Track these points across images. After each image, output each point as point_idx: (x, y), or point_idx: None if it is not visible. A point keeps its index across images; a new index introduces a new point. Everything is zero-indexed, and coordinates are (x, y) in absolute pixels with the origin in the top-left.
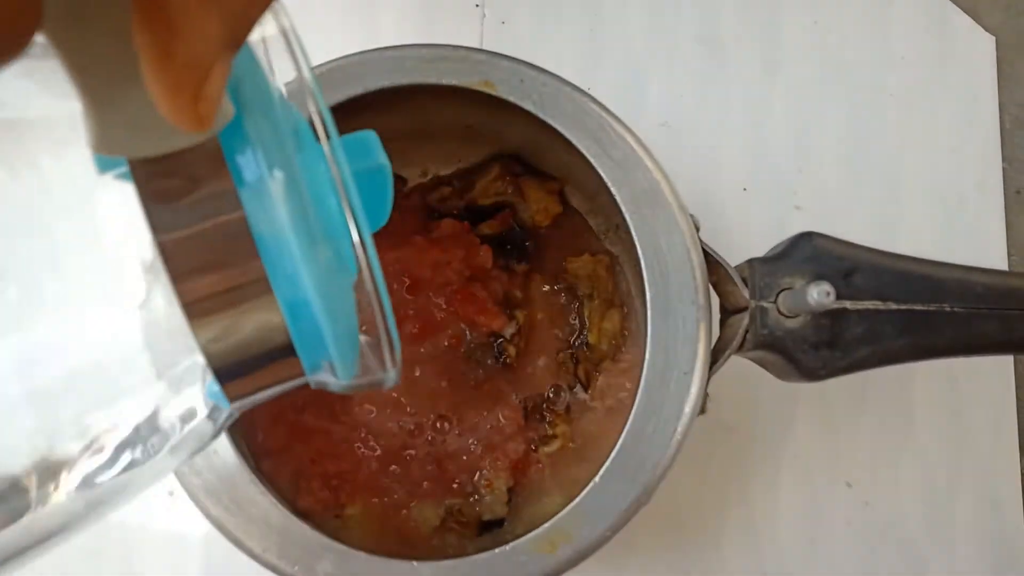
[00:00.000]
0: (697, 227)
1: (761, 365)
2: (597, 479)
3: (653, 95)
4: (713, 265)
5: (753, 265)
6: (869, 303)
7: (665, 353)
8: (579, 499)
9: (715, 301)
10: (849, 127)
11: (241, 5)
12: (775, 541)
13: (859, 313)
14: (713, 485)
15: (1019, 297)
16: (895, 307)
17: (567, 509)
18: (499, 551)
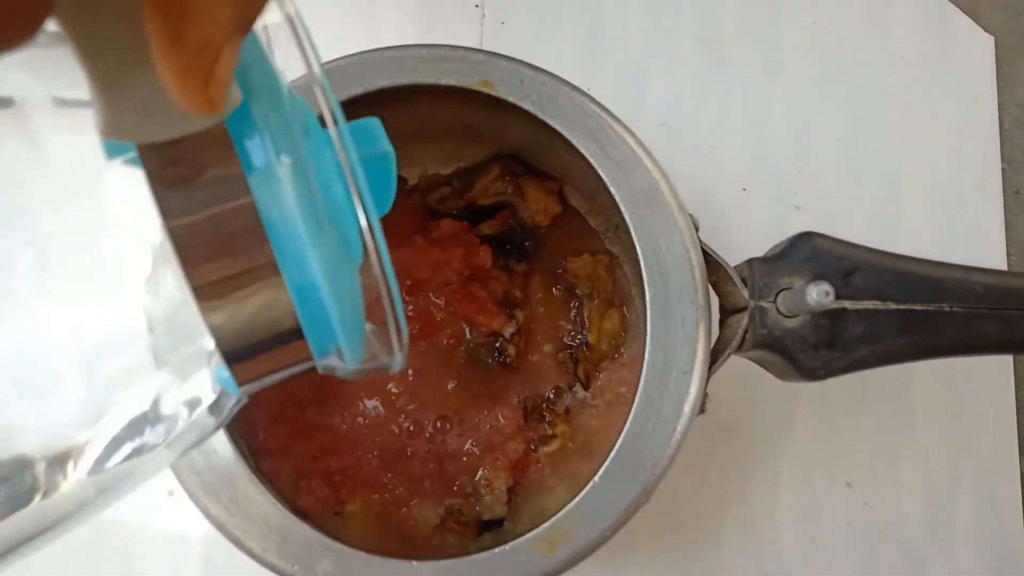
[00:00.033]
0: (696, 227)
1: (760, 365)
2: (596, 479)
3: (653, 95)
4: (712, 265)
5: (752, 265)
6: (868, 303)
7: (664, 353)
8: (578, 499)
9: (714, 301)
10: (849, 127)
11: None
12: (775, 541)
13: (858, 313)
14: (713, 485)
15: (1018, 297)
16: (894, 307)
17: (566, 509)
18: (499, 551)
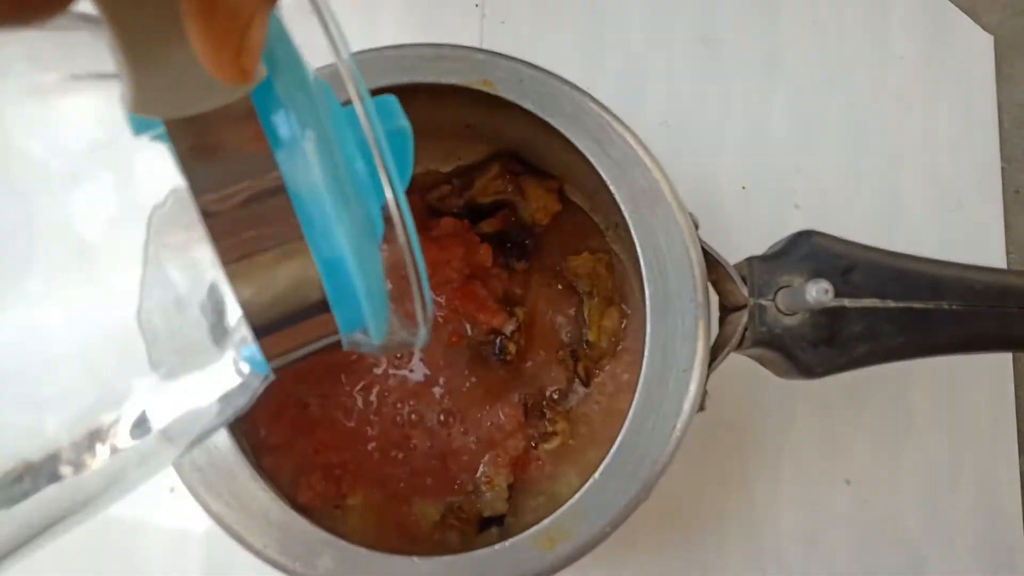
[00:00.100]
0: (696, 225)
1: (760, 363)
2: (596, 476)
3: (653, 94)
4: (712, 263)
5: (752, 263)
6: (868, 301)
7: (664, 351)
8: (578, 496)
9: (714, 299)
10: (848, 126)
11: None
12: (774, 538)
13: (858, 311)
14: (712, 482)
15: (1017, 295)
16: (894, 305)
17: (566, 506)
18: (499, 547)
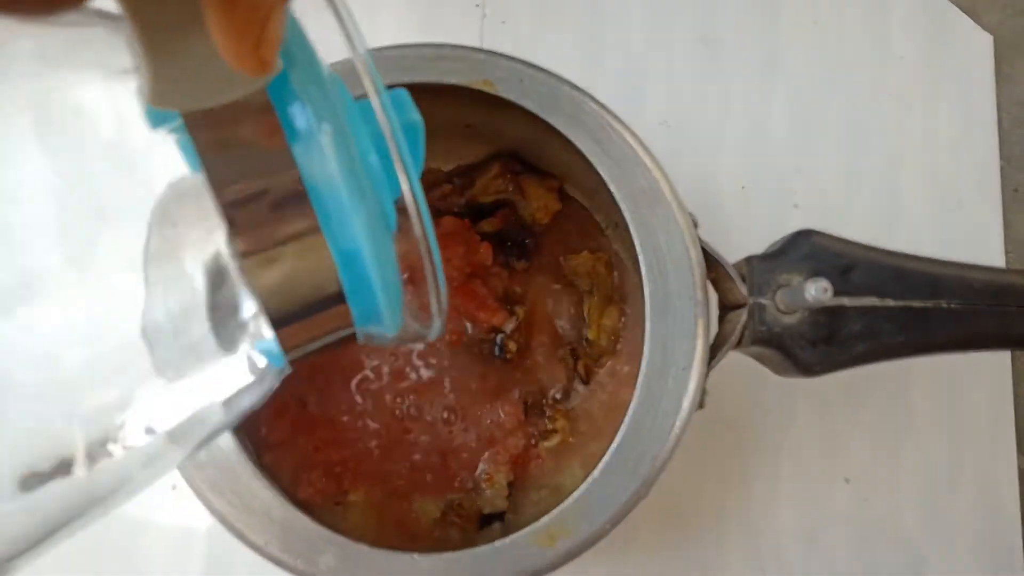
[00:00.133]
0: (696, 225)
1: (759, 361)
2: (596, 473)
3: (653, 94)
4: (712, 262)
5: (751, 262)
6: (867, 299)
7: (664, 349)
8: (578, 493)
9: (713, 298)
10: (848, 125)
11: None
12: (773, 535)
13: (857, 309)
14: (712, 480)
15: (1016, 294)
16: (893, 303)
17: (566, 502)
18: (498, 544)
